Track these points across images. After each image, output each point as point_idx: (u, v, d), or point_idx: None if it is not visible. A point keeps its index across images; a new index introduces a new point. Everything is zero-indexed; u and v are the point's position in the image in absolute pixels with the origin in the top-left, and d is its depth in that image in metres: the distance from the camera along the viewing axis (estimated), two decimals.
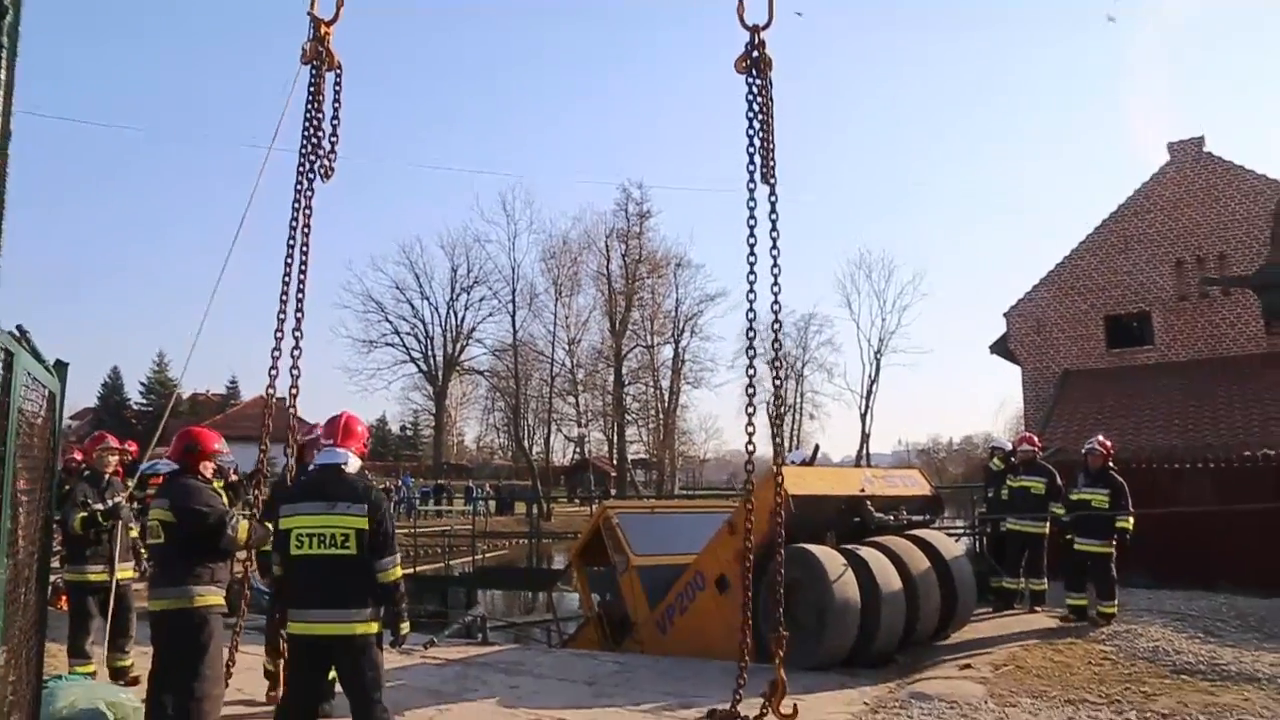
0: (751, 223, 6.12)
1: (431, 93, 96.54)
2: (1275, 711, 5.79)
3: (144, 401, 64.42)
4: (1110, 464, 9.41)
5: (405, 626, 4.59)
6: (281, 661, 5.73)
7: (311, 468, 4.78)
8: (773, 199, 6.07)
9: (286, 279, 6.30)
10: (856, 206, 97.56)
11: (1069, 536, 9.32)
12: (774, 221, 6.11)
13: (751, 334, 6.36)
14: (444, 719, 6.22)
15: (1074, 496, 9.54)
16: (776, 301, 6.22)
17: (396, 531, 4.66)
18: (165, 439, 6.63)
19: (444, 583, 19.48)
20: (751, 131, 6.15)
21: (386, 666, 7.94)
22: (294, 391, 6.27)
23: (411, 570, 19.57)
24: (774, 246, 6.14)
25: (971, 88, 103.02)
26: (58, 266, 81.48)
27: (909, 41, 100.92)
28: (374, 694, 4.37)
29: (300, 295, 6.32)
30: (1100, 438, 9.64)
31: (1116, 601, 9.01)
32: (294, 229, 6.37)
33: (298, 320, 6.28)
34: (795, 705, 5.75)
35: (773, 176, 6.13)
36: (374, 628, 4.42)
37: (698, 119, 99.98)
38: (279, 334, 6.18)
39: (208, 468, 5.37)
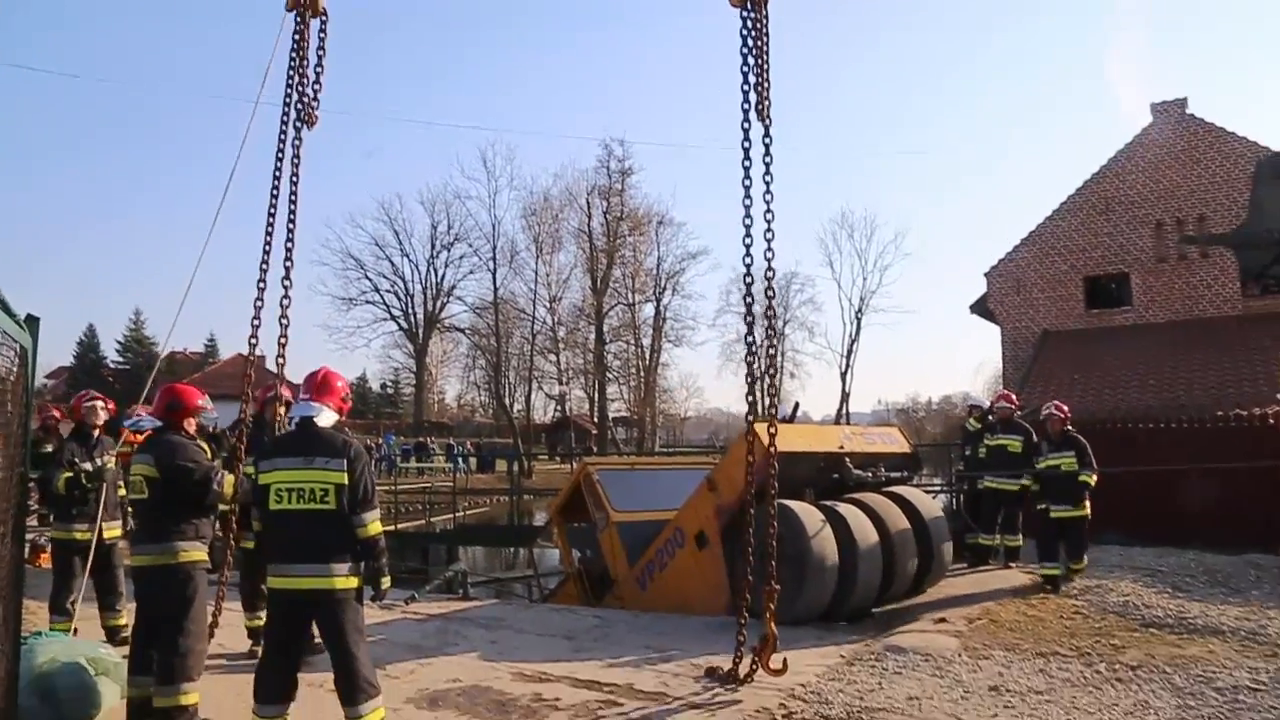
0: (746, 163, 5.95)
1: (411, 47, 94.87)
2: (1238, 662, 5.94)
3: (121, 360, 63.73)
4: (1069, 426, 9.39)
5: (386, 581, 4.59)
6: (262, 616, 5.76)
7: (293, 422, 4.74)
8: (767, 140, 5.90)
9: (270, 229, 6.22)
10: (839, 164, 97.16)
11: (1042, 506, 9.30)
12: (768, 165, 5.96)
13: (749, 280, 6.20)
14: (425, 673, 6.26)
15: (1041, 464, 9.39)
16: (770, 248, 6.12)
17: (376, 487, 4.63)
18: (150, 399, 6.58)
19: (425, 539, 19.53)
20: (746, 68, 6.01)
21: (367, 622, 8.00)
22: (283, 341, 6.20)
23: (393, 527, 19.66)
24: (767, 190, 6.00)
25: (956, 48, 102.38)
26: (30, 222, 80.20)
27: (893, 2, 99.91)
28: (355, 648, 4.39)
29: (289, 244, 6.24)
30: (1056, 403, 9.60)
31: (1085, 560, 9.13)
32: (278, 177, 6.28)
33: (286, 269, 6.20)
34: (784, 660, 5.80)
35: (768, 117, 6.00)
36: (354, 582, 4.43)
37: (680, 75, 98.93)
38: (262, 284, 6.10)
39: (191, 424, 5.35)
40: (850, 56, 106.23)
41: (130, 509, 7.72)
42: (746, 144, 5.93)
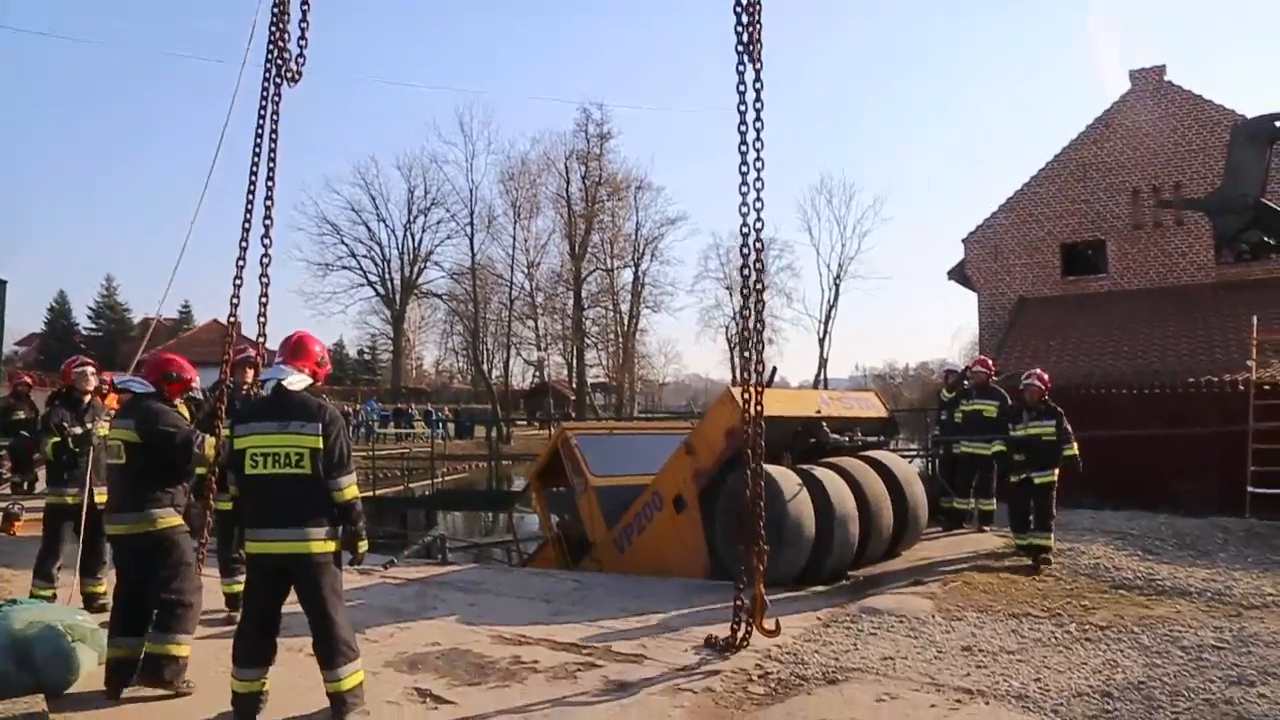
0: (742, 107, 5.75)
1: (386, 7, 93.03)
2: (1204, 622, 6.06)
3: (93, 326, 62.87)
4: (1047, 396, 9.22)
5: (363, 545, 4.57)
6: (240, 582, 5.74)
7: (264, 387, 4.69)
8: (758, 86, 5.72)
9: (252, 189, 6.10)
10: (818, 131, 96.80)
11: (1022, 476, 9.09)
12: (759, 111, 5.78)
13: (745, 230, 5.90)
14: (404, 636, 6.28)
15: (1021, 433, 9.03)
16: (759, 198, 5.87)
17: (352, 451, 4.60)
18: (121, 365, 6.49)
19: (403, 505, 19.51)
20: (739, 8, 5.82)
21: (346, 586, 8.00)
22: (264, 300, 6.08)
23: (371, 493, 19.57)
24: (757, 139, 5.80)
25: (937, 13, 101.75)
26: None
27: None
28: (332, 612, 4.40)
29: (269, 201, 6.12)
30: (1037, 371, 9.40)
31: (1053, 537, 8.76)
32: (259, 135, 6.16)
33: (266, 228, 6.09)
34: (777, 621, 5.84)
35: (758, 61, 5.86)
36: (331, 546, 4.42)
37: (660, 39, 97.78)
38: (244, 243, 5.99)
39: (179, 399, 5.31)
40: (832, 24, 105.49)
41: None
42: (742, 87, 5.72)
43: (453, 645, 5.99)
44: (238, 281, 6.07)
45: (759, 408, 5.92)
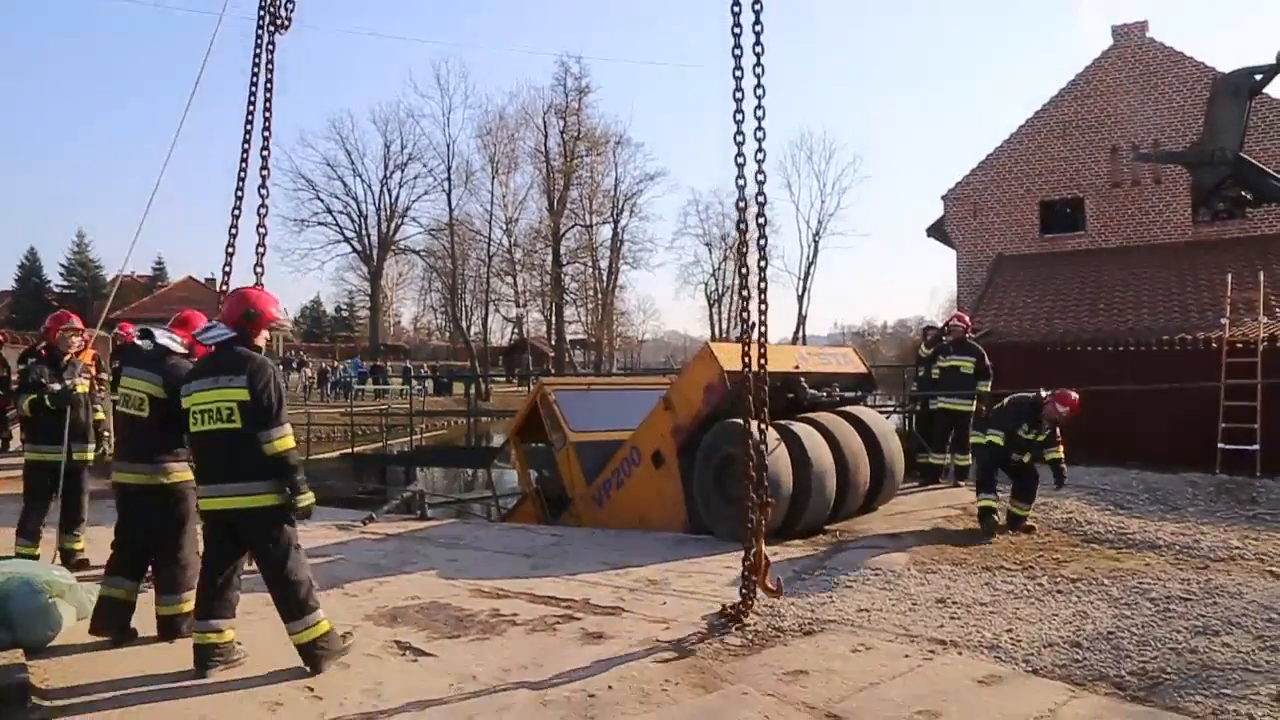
0: (737, 52, 5.35)
1: None
2: (1172, 575, 6.18)
3: (65, 284, 61.86)
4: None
5: (304, 499, 4.48)
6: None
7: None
8: (758, 28, 5.37)
9: (247, 141, 5.94)
10: (799, 86, 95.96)
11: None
12: (759, 55, 5.39)
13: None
14: (384, 590, 6.29)
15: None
16: (760, 149, 5.43)
17: (284, 401, 4.53)
18: (92, 323, 6.36)
19: (382, 461, 19.52)
20: None
21: (326, 542, 8.06)
22: (261, 250, 5.90)
23: (350, 450, 19.57)
24: (758, 85, 5.40)
25: None
26: None
27: None
28: (285, 565, 4.43)
29: (265, 151, 5.96)
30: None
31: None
32: (254, 87, 6.00)
33: (264, 178, 5.92)
34: (779, 580, 5.59)
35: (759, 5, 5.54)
36: (275, 499, 4.42)
37: None
38: (240, 192, 5.84)
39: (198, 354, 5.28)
40: None
41: (108, 434, 7.60)
42: (737, 30, 5.33)
43: (432, 599, 6.01)
44: (233, 231, 5.90)
45: (762, 361, 5.62)
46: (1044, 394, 7.84)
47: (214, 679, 4.42)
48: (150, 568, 5.17)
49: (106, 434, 7.74)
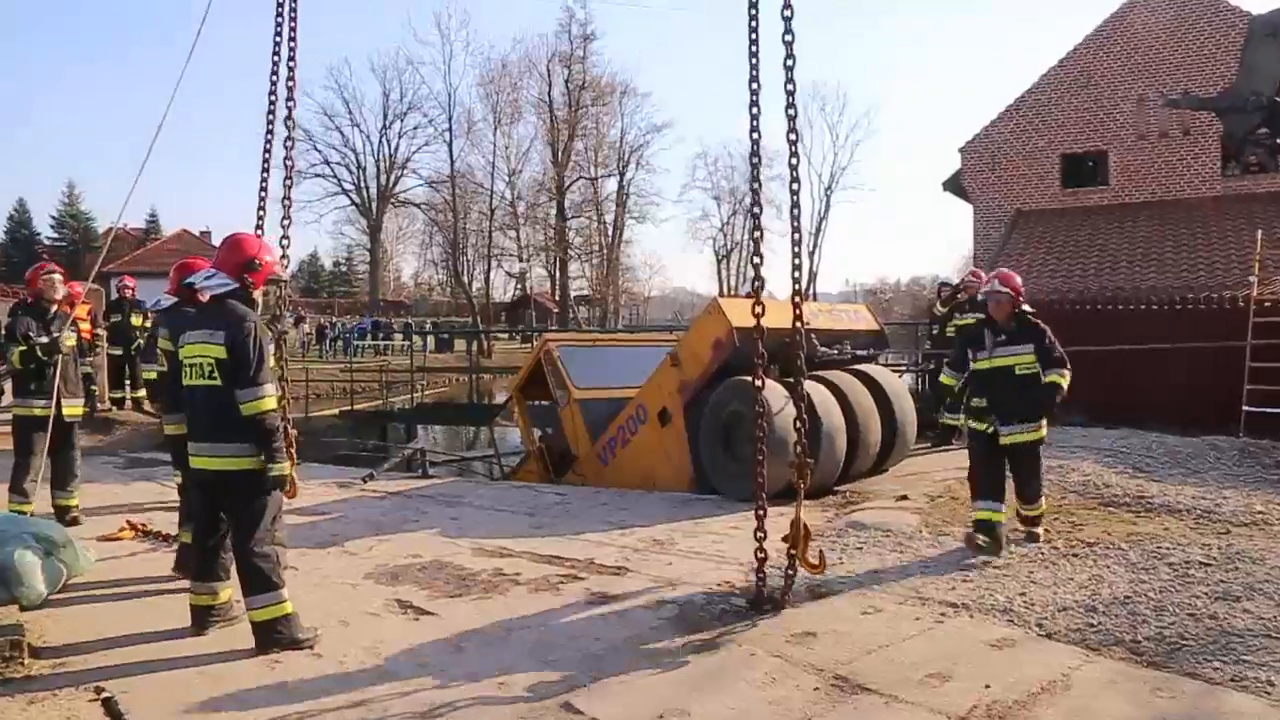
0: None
1: None
2: (1191, 539, 6.16)
3: (56, 236, 61.80)
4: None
5: (276, 467, 4.30)
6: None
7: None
8: None
9: (273, 94, 5.84)
10: (811, 34, 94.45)
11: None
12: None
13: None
14: (384, 549, 6.32)
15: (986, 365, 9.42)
16: (792, 103, 4.91)
17: (265, 359, 4.33)
18: (84, 276, 6.31)
19: (383, 418, 19.56)
20: None
21: (326, 499, 8.10)
22: (287, 202, 5.80)
23: (349, 407, 19.61)
24: (786, 29, 4.86)
25: None
26: None
27: None
28: (250, 536, 4.29)
29: (290, 103, 5.86)
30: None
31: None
32: (278, 39, 5.89)
33: (288, 128, 5.82)
34: (821, 553, 5.13)
35: None
36: (251, 464, 4.30)
37: None
38: (268, 148, 5.74)
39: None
40: None
41: (95, 388, 7.61)
42: None
43: (434, 558, 6.04)
44: (262, 194, 5.82)
45: (798, 317, 5.24)
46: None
47: (211, 637, 4.46)
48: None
49: (95, 389, 7.75)
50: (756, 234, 5.13)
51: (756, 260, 4.97)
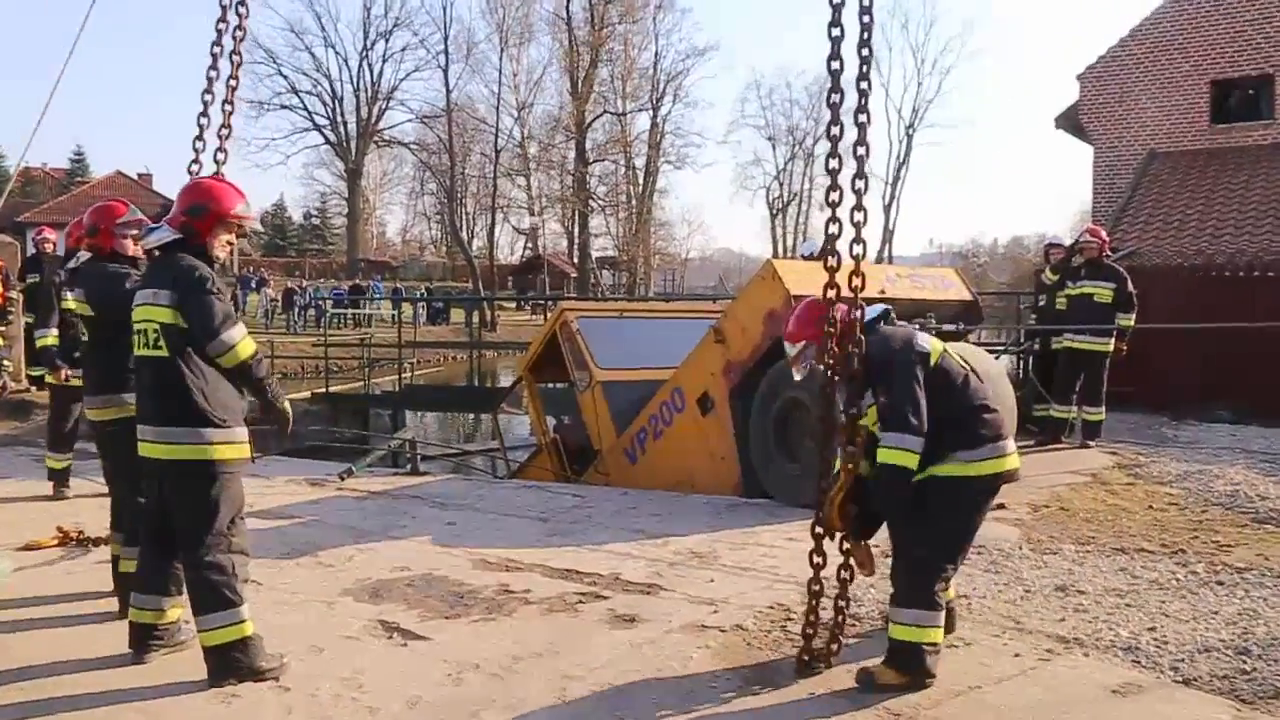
0: None
1: None
2: None
3: None
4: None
5: (280, 406, 4.49)
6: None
7: None
8: None
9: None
10: None
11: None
12: None
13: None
14: (365, 559, 6.38)
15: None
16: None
17: (225, 308, 4.32)
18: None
19: (364, 402, 19.75)
20: None
21: (295, 500, 8.19)
22: (224, 132, 5.82)
23: (323, 390, 19.79)
24: None
25: None
26: None
27: None
28: (199, 541, 4.26)
29: (241, 8, 5.88)
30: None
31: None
32: None
33: (236, 40, 5.83)
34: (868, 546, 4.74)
35: None
36: (206, 453, 4.27)
37: None
38: (214, 71, 5.71)
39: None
40: None
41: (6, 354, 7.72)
42: None
43: (425, 570, 6.08)
44: (203, 121, 5.82)
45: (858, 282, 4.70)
46: None
47: (154, 664, 4.49)
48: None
49: (6, 362, 7.83)
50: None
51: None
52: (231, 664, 4.25)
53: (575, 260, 55.33)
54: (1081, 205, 35.09)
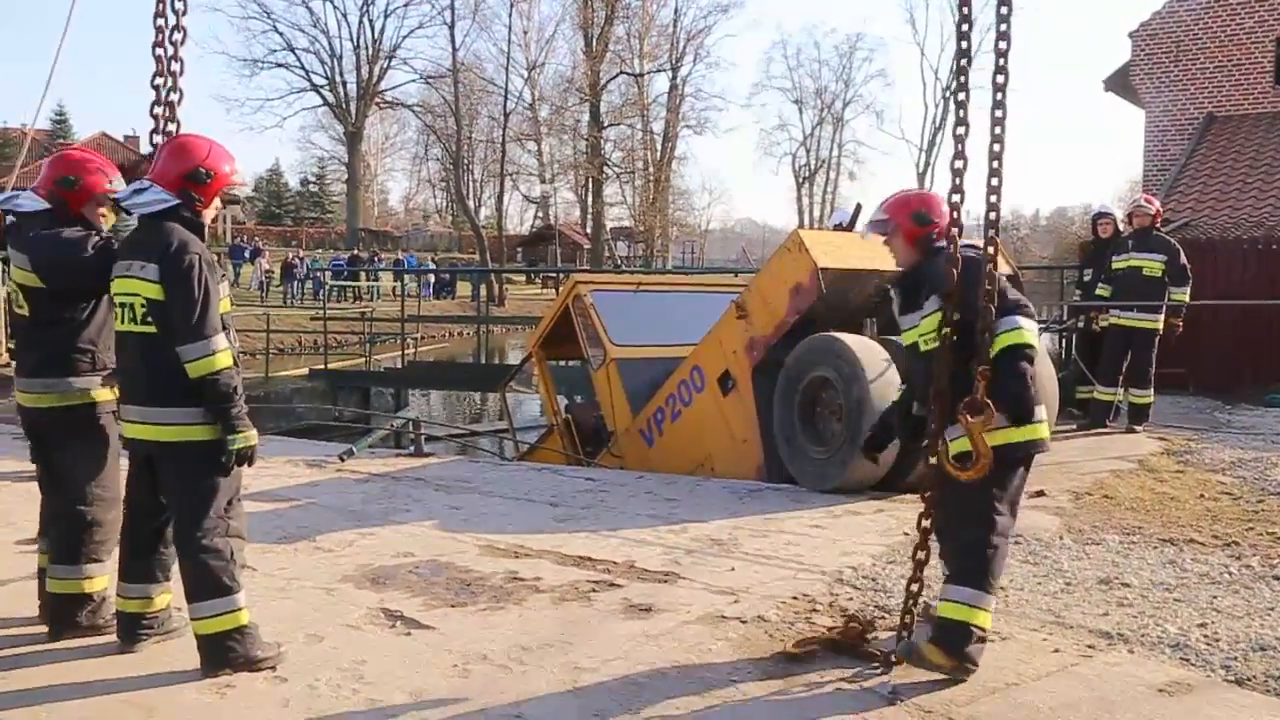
0: None
1: None
2: None
3: None
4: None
5: (236, 438, 4.21)
6: None
7: None
8: None
9: None
10: None
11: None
12: None
13: None
14: (367, 545, 6.41)
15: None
16: None
17: (212, 303, 4.22)
18: None
19: (365, 380, 19.84)
20: None
21: (293, 482, 8.24)
22: (161, 82, 5.70)
23: (322, 366, 19.89)
24: None
25: None
26: None
27: None
28: (199, 522, 4.27)
29: None
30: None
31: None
32: None
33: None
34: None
35: None
36: (195, 434, 4.26)
37: None
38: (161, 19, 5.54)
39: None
40: None
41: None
42: None
43: (430, 557, 6.11)
44: (160, 80, 5.69)
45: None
46: None
47: (144, 653, 4.50)
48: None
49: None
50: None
51: (959, 163, 4.59)
52: (226, 653, 4.25)
53: (589, 231, 55.30)
54: (1134, 172, 34.80)
